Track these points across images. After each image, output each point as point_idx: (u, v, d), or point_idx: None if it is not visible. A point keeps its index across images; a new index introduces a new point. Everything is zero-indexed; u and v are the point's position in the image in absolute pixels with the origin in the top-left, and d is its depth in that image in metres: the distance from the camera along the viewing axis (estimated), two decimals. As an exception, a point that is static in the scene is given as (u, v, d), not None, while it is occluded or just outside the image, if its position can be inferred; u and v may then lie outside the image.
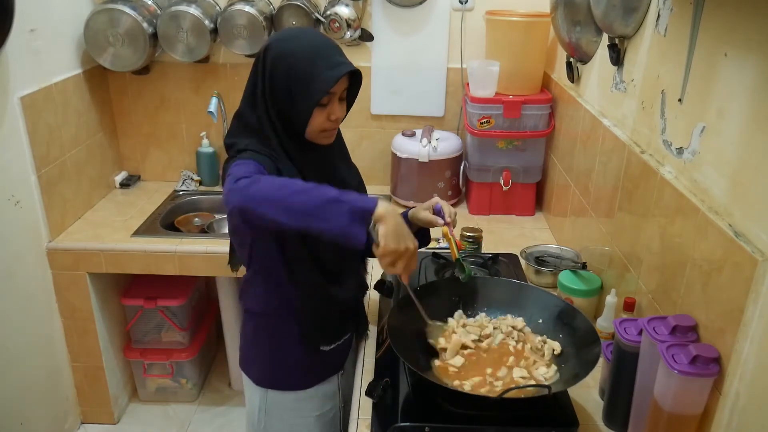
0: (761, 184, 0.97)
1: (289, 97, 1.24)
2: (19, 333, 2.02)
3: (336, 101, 1.30)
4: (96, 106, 2.44)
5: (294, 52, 1.23)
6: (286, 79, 1.23)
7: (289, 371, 1.41)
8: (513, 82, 2.26)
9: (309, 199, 1.08)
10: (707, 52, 1.14)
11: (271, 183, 1.11)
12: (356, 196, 1.11)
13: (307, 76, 1.22)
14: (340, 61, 1.27)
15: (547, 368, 1.27)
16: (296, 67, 1.22)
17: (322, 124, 1.28)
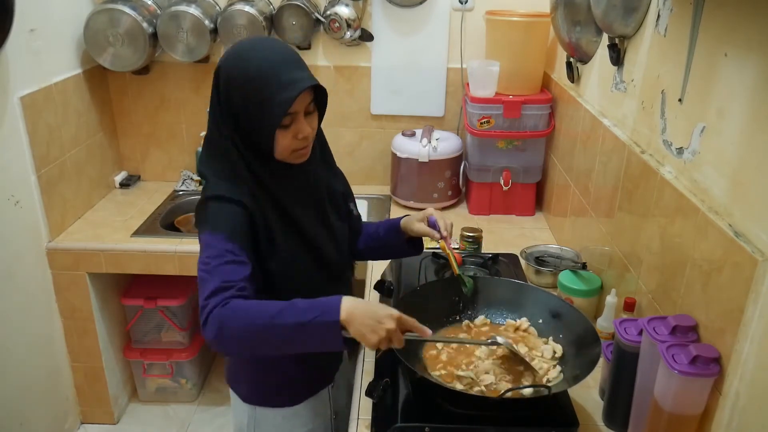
0: (761, 184, 0.97)
1: (249, 122, 1.17)
2: (19, 333, 2.02)
3: (301, 119, 1.18)
4: (96, 106, 2.44)
5: (245, 74, 1.14)
6: (242, 104, 1.16)
7: (278, 388, 1.37)
8: (513, 82, 2.26)
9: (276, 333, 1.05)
10: (707, 52, 1.14)
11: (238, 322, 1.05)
12: (318, 311, 1.05)
13: (263, 100, 1.13)
14: (295, 78, 1.14)
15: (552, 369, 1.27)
16: (249, 91, 1.14)
17: (291, 145, 1.20)
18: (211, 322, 1.05)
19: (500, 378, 1.24)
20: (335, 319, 1.04)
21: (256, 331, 1.05)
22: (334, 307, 1.05)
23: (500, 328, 1.41)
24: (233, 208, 1.17)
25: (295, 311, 1.05)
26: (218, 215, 1.17)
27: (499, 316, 1.44)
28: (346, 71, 2.51)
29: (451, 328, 1.42)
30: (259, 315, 1.05)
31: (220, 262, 1.11)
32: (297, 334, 1.05)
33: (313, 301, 1.07)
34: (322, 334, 1.05)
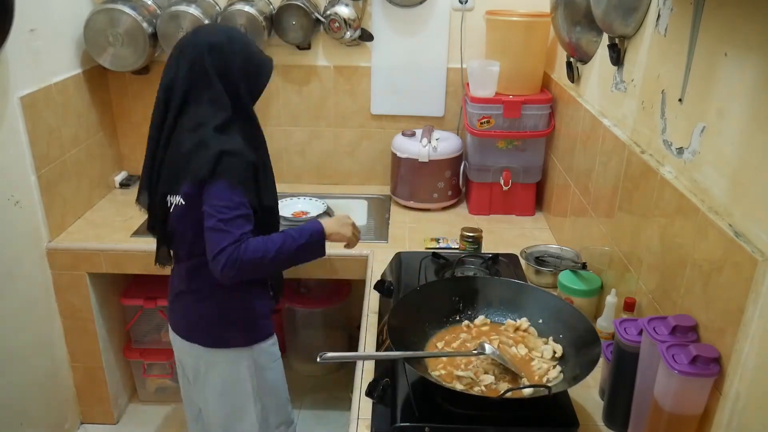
0: (761, 184, 0.97)
1: (245, 83, 1.50)
2: (19, 333, 2.02)
3: None
4: (96, 106, 2.44)
5: (245, 45, 1.51)
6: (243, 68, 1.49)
7: (264, 322, 1.64)
8: (513, 82, 2.26)
9: (287, 253, 1.45)
10: (707, 52, 1.14)
11: (254, 251, 1.40)
12: (307, 235, 1.50)
13: (260, 65, 1.54)
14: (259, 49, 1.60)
15: (552, 369, 1.27)
16: (250, 58, 1.51)
17: None
18: (230, 263, 1.37)
19: (500, 378, 1.24)
20: (323, 238, 1.53)
21: (270, 259, 1.42)
22: (317, 227, 1.52)
23: (500, 328, 1.41)
24: (244, 163, 1.44)
25: (293, 239, 1.46)
26: (232, 169, 1.42)
27: (499, 316, 1.44)
28: (346, 71, 2.51)
29: (451, 328, 1.42)
30: (267, 248, 1.41)
31: (236, 215, 1.40)
32: (298, 253, 1.48)
33: (301, 229, 1.51)
34: (314, 249, 1.52)
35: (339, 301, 2.65)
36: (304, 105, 2.57)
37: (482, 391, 1.20)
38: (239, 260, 1.37)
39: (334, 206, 2.42)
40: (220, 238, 1.38)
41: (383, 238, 2.20)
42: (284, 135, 2.62)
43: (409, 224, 2.31)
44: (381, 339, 1.52)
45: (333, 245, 2.13)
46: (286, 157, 2.65)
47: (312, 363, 2.53)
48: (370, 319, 1.68)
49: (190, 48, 1.47)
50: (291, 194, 2.48)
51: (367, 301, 1.76)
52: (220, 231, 1.39)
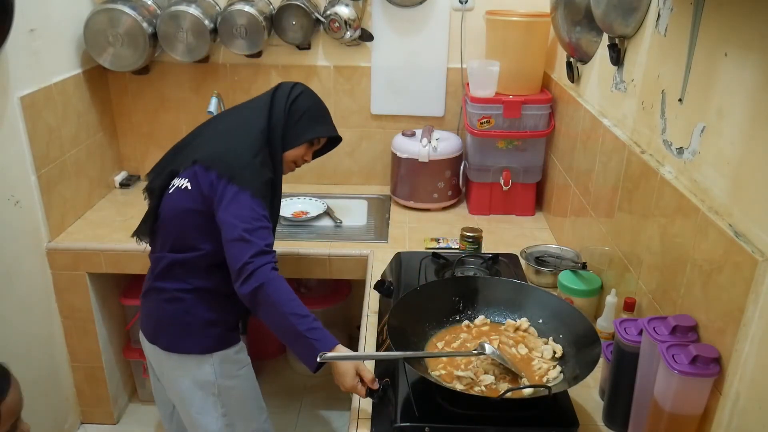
0: (761, 184, 0.97)
1: (295, 123, 1.59)
2: (19, 333, 2.02)
3: (311, 152, 1.69)
4: (96, 106, 2.44)
5: (316, 100, 1.66)
6: (304, 109, 1.60)
7: (228, 330, 1.61)
8: (513, 82, 2.25)
9: (287, 323, 1.34)
10: (707, 52, 1.14)
11: (279, 294, 1.36)
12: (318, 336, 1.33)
13: (318, 118, 1.63)
14: (333, 125, 1.70)
15: (552, 369, 1.27)
16: (314, 108, 1.63)
17: (297, 159, 1.66)
18: (255, 278, 1.34)
19: (500, 378, 1.24)
20: (323, 350, 1.29)
21: (278, 311, 1.34)
22: (330, 344, 1.33)
23: (500, 328, 1.41)
24: (267, 177, 1.50)
25: (308, 322, 1.34)
26: (257, 180, 1.46)
27: (499, 316, 1.44)
28: (346, 71, 2.51)
29: (451, 328, 1.42)
30: (288, 303, 1.35)
31: (260, 225, 1.40)
32: (297, 336, 1.33)
33: (322, 329, 1.35)
34: (308, 352, 1.32)
35: (339, 301, 2.65)
36: (304, 105, 2.57)
37: (482, 391, 1.20)
38: (263, 281, 1.35)
39: (334, 206, 2.43)
40: (246, 248, 1.36)
41: (383, 238, 2.20)
42: (284, 135, 2.62)
43: (409, 224, 2.31)
44: (381, 339, 1.52)
45: (335, 245, 2.15)
46: (286, 157, 2.65)
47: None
48: (370, 319, 1.68)
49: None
50: (291, 194, 2.48)
51: (367, 301, 1.76)
52: (243, 241, 1.37)
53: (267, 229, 1.42)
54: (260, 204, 1.43)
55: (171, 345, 1.58)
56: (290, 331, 1.34)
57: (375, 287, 1.72)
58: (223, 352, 1.60)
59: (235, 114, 1.65)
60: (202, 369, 1.58)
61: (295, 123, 1.59)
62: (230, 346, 1.61)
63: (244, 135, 1.54)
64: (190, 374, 1.59)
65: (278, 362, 2.83)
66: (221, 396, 1.61)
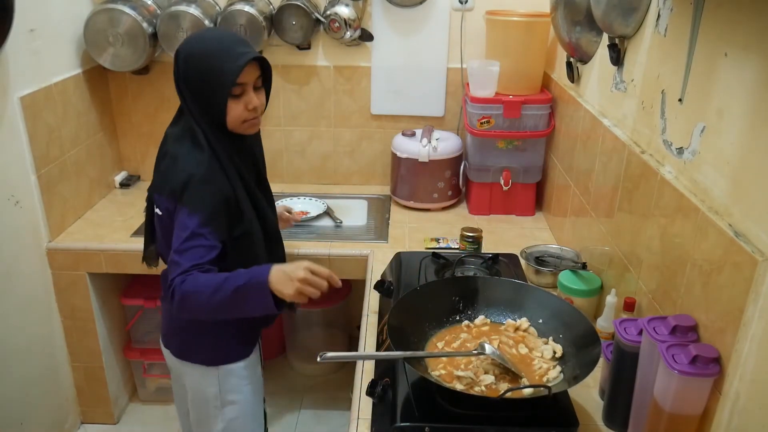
0: (761, 184, 0.97)
1: (203, 93, 1.36)
2: (19, 333, 2.02)
3: (250, 91, 1.39)
4: (96, 106, 2.44)
5: (201, 50, 1.35)
6: (198, 77, 1.35)
7: (238, 343, 1.56)
8: (513, 82, 2.26)
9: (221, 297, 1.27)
10: (707, 52, 1.14)
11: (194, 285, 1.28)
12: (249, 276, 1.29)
13: (216, 70, 1.33)
14: (242, 52, 1.34)
15: (552, 369, 1.27)
16: (204, 63, 1.34)
17: (241, 115, 1.39)
18: (175, 293, 1.29)
19: (500, 378, 1.24)
20: (264, 280, 1.28)
21: (207, 296, 1.27)
22: (263, 271, 1.29)
23: (500, 328, 1.41)
24: (211, 189, 1.35)
25: (234, 277, 1.29)
26: (196, 195, 1.33)
27: (499, 316, 1.44)
28: (346, 71, 2.51)
29: (451, 328, 1.42)
30: (208, 284, 1.28)
31: (192, 245, 1.31)
32: (236, 296, 1.28)
33: (249, 270, 1.31)
34: (255, 295, 1.29)
35: (339, 301, 2.65)
36: (304, 105, 2.57)
37: (482, 391, 1.20)
38: (179, 292, 1.28)
39: (334, 206, 2.43)
40: (172, 270, 1.31)
41: (383, 238, 2.20)
42: (284, 135, 2.62)
43: (409, 224, 2.31)
44: (381, 339, 1.52)
45: (335, 245, 2.15)
46: (286, 157, 2.65)
47: (312, 363, 2.54)
48: (370, 319, 1.68)
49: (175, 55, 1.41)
50: (291, 194, 2.49)
51: (367, 301, 1.76)
52: (173, 263, 1.32)
53: (203, 247, 1.31)
54: (197, 222, 1.31)
55: (179, 352, 1.57)
56: (227, 300, 1.28)
57: (375, 287, 1.72)
58: (230, 366, 1.55)
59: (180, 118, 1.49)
60: (207, 380, 1.55)
61: (200, 91, 1.36)
62: (238, 360, 1.56)
63: (181, 144, 1.41)
64: (195, 383, 1.58)
65: (278, 362, 2.83)
66: (223, 409, 1.57)
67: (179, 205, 1.34)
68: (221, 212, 1.36)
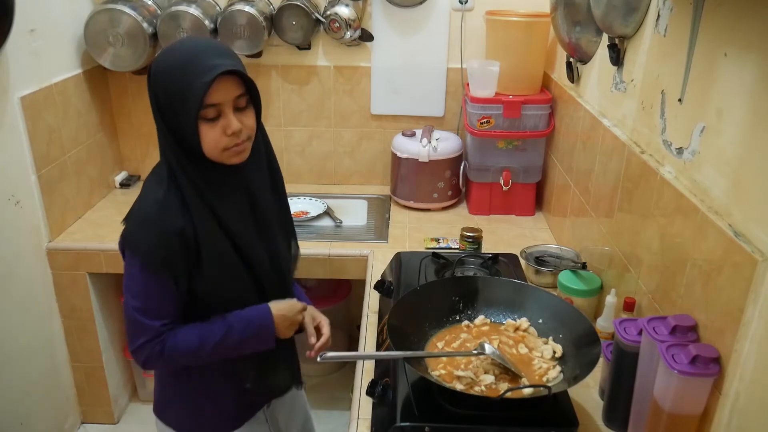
0: (761, 184, 0.97)
1: (172, 115, 1.11)
2: (19, 333, 2.02)
3: (229, 112, 1.11)
4: (96, 106, 2.44)
5: (169, 64, 1.10)
6: (164, 96, 1.10)
7: (213, 414, 1.31)
8: (513, 82, 2.26)
9: (220, 353, 1.19)
10: (707, 52, 1.15)
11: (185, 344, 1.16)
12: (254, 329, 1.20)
13: (182, 89, 1.07)
14: (212, 65, 1.07)
15: (552, 369, 1.27)
16: (170, 81, 1.09)
17: (219, 141, 1.12)
18: (152, 360, 1.16)
19: (500, 378, 1.24)
20: (271, 335, 1.22)
21: (202, 356, 1.18)
22: (268, 325, 1.21)
23: (500, 328, 1.41)
24: (164, 234, 1.12)
25: (234, 334, 1.18)
26: (147, 241, 1.12)
27: (499, 316, 1.44)
28: (346, 71, 2.51)
29: (451, 328, 1.42)
30: (202, 342, 1.17)
31: (150, 302, 1.15)
32: (238, 349, 1.21)
33: (247, 320, 1.20)
34: (258, 344, 1.22)
35: (339, 301, 2.65)
36: (304, 105, 2.57)
37: (482, 391, 1.20)
38: (164, 355, 1.15)
39: (334, 206, 2.43)
40: (138, 331, 1.15)
41: (383, 238, 2.20)
42: (284, 135, 2.62)
43: (409, 224, 2.31)
44: (381, 339, 1.52)
45: (335, 245, 2.15)
46: (286, 158, 2.65)
47: (312, 363, 2.53)
48: (370, 319, 1.68)
49: None
50: (291, 194, 2.47)
51: (367, 301, 1.76)
52: (136, 322, 1.15)
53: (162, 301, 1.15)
54: (151, 272, 1.12)
55: (155, 404, 1.38)
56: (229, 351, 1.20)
57: (375, 287, 1.73)
58: None
59: None
60: None
61: (170, 115, 1.11)
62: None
63: (150, 178, 1.20)
64: None
65: (278, 362, 2.83)
66: None
67: (128, 249, 1.15)
68: (178, 260, 1.13)
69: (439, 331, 1.40)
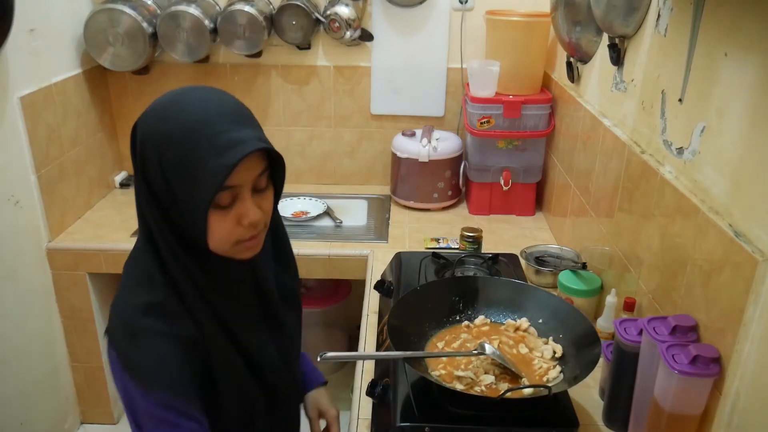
0: (761, 184, 0.97)
1: (171, 201, 0.87)
2: (19, 333, 2.02)
3: (246, 197, 0.88)
4: (96, 106, 2.44)
5: (170, 130, 0.85)
6: (161, 177, 0.85)
7: None
8: (513, 82, 2.25)
9: None
10: (707, 52, 1.14)
11: None
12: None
13: (192, 168, 0.83)
14: (236, 139, 0.84)
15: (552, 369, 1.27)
16: (175, 154, 0.84)
17: (232, 233, 0.89)
18: None
19: (500, 378, 1.24)
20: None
21: None
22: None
23: (500, 328, 1.41)
24: (170, 347, 0.88)
25: None
26: (150, 361, 0.88)
27: (499, 316, 1.44)
28: (346, 71, 2.51)
29: (451, 328, 1.42)
30: None
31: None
32: None
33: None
34: None
35: (339, 301, 2.65)
36: (304, 105, 2.57)
37: (482, 391, 1.20)
38: None
39: (334, 206, 2.43)
40: None
41: (383, 238, 2.20)
42: (284, 135, 2.62)
43: (409, 224, 2.31)
44: (381, 339, 1.52)
45: (335, 245, 2.15)
46: (286, 158, 2.62)
47: (312, 363, 2.54)
48: (370, 319, 1.68)
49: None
50: (291, 194, 2.49)
51: (367, 301, 1.76)
52: None
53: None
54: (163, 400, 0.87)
55: None
56: None
57: (375, 287, 1.72)
58: None
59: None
60: None
61: (168, 196, 0.87)
62: None
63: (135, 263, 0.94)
64: None
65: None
66: None
67: (126, 370, 0.88)
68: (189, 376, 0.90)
69: (439, 331, 1.40)
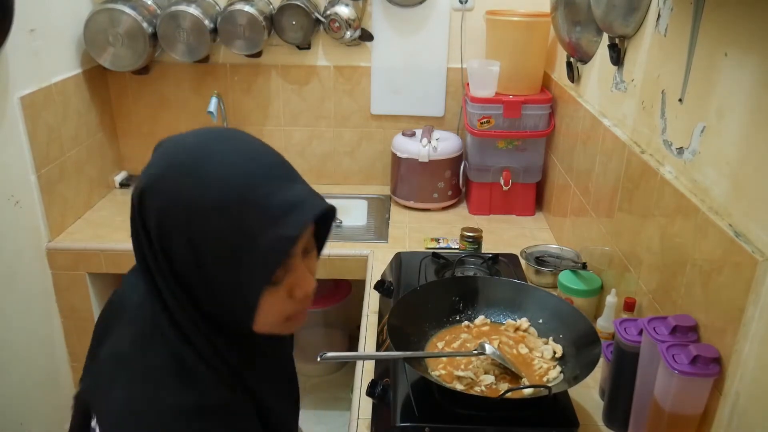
0: (761, 184, 0.97)
1: (207, 282, 0.72)
2: (18, 333, 2.02)
3: (299, 266, 0.76)
4: (96, 106, 2.44)
5: (200, 205, 0.68)
6: (192, 255, 0.70)
7: None
8: (513, 82, 2.25)
9: None
10: (707, 52, 1.14)
11: None
12: None
13: (237, 247, 0.68)
14: (291, 201, 0.72)
15: (552, 369, 1.27)
16: (209, 235, 0.68)
17: (284, 309, 0.77)
18: None
19: (500, 378, 1.24)
20: None
21: None
22: None
23: (500, 328, 1.41)
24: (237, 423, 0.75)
25: None
26: None
27: (499, 316, 1.44)
28: (346, 71, 2.51)
29: (451, 328, 1.42)
30: None
31: None
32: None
33: None
34: None
35: (339, 301, 2.65)
36: (304, 105, 2.57)
37: (482, 391, 1.20)
38: None
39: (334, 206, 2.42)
40: None
41: (383, 238, 2.20)
42: (284, 135, 2.62)
43: (409, 224, 2.31)
44: (381, 339, 1.52)
45: (335, 245, 2.15)
46: (286, 158, 2.64)
47: (312, 363, 2.54)
48: (370, 319, 1.68)
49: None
50: (291, 194, 2.48)
51: (367, 301, 1.76)
52: None
53: None
54: None
55: None
56: None
57: (375, 287, 1.72)
58: None
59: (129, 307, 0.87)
60: None
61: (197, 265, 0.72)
62: None
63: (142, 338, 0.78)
64: None
65: (278, 362, 2.83)
66: None
67: None
68: None
69: (439, 332, 1.40)
